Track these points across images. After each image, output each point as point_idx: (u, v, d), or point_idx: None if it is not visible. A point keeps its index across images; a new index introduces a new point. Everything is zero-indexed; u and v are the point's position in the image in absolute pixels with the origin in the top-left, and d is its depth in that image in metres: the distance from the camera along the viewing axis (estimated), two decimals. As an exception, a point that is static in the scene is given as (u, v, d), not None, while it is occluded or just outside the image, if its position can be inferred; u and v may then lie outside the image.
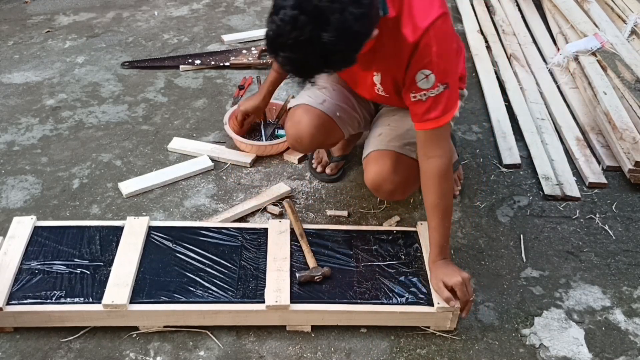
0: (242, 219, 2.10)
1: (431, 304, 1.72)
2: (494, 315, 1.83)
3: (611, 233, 2.13)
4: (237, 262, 1.82)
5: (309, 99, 1.96)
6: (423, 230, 1.95)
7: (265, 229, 1.93)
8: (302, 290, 1.75)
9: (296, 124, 1.95)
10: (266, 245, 1.87)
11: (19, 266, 1.76)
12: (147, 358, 1.66)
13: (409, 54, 1.56)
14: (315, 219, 2.13)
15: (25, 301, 1.67)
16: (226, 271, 1.79)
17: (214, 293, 1.72)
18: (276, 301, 1.69)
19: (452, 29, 1.64)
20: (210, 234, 1.91)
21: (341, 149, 2.29)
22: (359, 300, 1.73)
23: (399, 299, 1.74)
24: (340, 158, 2.30)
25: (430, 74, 1.57)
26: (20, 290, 1.70)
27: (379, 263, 1.85)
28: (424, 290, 1.77)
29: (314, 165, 2.31)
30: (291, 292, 1.73)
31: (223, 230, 1.92)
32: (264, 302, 1.70)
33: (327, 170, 2.28)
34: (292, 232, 1.93)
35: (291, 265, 1.81)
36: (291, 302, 1.70)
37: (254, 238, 1.91)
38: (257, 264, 1.82)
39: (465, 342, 1.74)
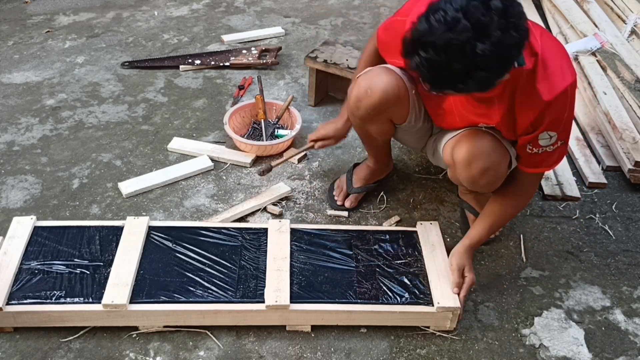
0: (242, 219, 2.10)
1: (431, 304, 1.73)
2: (494, 315, 1.83)
3: (611, 233, 2.13)
4: (237, 262, 1.82)
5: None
6: (423, 230, 1.95)
7: (265, 229, 1.92)
8: (302, 290, 1.75)
9: (371, 76, 1.81)
10: (266, 245, 1.87)
11: (19, 266, 1.76)
12: (147, 358, 1.66)
13: (539, 110, 1.57)
14: (315, 219, 2.13)
15: (25, 301, 1.67)
16: (226, 271, 1.79)
17: (214, 293, 1.73)
18: (276, 301, 1.69)
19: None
20: (210, 234, 1.91)
21: (363, 180, 2.17)
22: (358, 300, 1.74)
23: (398, 299, 1.75)
24: (361, 189, 2.16)
25: (554, 135, 1.62)
26: (20, 290, 1.70)
27: (379, 263, 1.86)
28: (424, 290, 1.77)
29: (335, 197, 2.19)
30: (291, 292, 1.73)
31: (223, 230, 1.92)
32: (263, 301, 1.70)
33: (347, 204, 2.15)
34: (292, 232, 1.92)
35: (291, 265, 1.81)
36: (291, 302, 1.70)
37: (253, 238, 1.91)
38: (257, 263, 1.82)
39: (465, 342, 1.74)
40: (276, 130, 2.49)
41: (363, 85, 1.82)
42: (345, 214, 2.14)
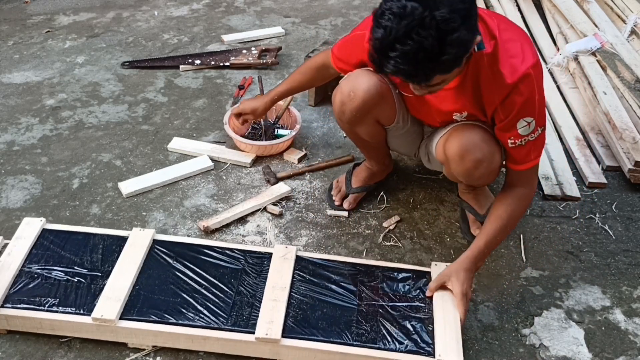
0: (242, 218, 2.10)
1: (432, 356, 1.59)
2: (494, 315, 1.83)
3: (611, 233, 2.13)
4: (234, 286, 1.75)
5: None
6: (437, 272, 1.79)
7: (270, 254, 1.84)
8: (296, 324, 1.66)
9: (352, 79, 1.82)
10: (267, 272, 1.78)
11: (20, 268, 1.74)
12: (148, 358, 1.66)
13: (505, 93, 1.59)
14: (315, 218, 2.13)
15: (19, 305, 1.65)
16: (222, 295, 1.72)
17: (205, 317, 1.66)
18: (266, 334, 1.60)
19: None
20: (214, 253, 1.84)
21: (363, 181, 2.16)
22: (354, 342, 1.62)
23: (397, 346, 1.62)
24: (360, 189, 2.15)
25: (532, 121, 1.63)
26: (17, 293, 1.68)
27: (383, 303, 1.73)
28: (427, 339, 1.64)
29: (333, 197, 2.18)
30: (285, 325, 1.64)
31: (227, 252, 1.85)
32: (254, 332, 1.61)
33: (345, 205, 2.13)
34: (297, 259, 1.83)
35: (290, 296, 1.72)
36: (283, 337, 1.61)
37: (256, 262, 1.83)
38: (254, 290, 1.74)
39: (465, 342, 1.74)
40: (276, 130, 2.49)
41: (346, 89, 1.83)
42: (345, 214, 2.14)
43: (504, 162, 1.81)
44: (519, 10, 3.47)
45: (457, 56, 1.39)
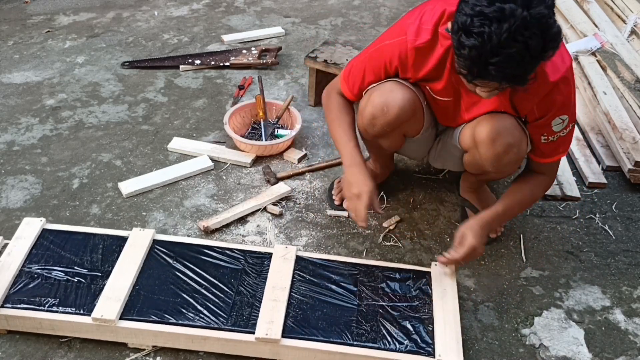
0: (242, 218, 2.10)
1: (432, 356, 1.60)
2: (494, 315, 1.83)
3: (611, 233, 2.13)
4: (234, 286, 1.75)
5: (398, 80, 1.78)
6: (437, 272, 1.82)
7: (270, 254, 1.84)
8: (296, 324, 1.66)
9: (386, 92, 1.75)
10: (267, 272, 1.79)
11: (20, 268, 1.74)
12: (148, 358, 1.66)
13: (546, 91, 1.61)
14: (315, 218, 2.13)
15: (19, 305, 1.65)
16: (222, 295, 1.72)
17: (205, 318, 1.66)
18: (266, 334, 1.61)
19: None
20: (213, 253, 1.84)
21: None
22: (354, 342, 1.63)
23: (397, 346, 1.62)
24: None
25: (566, 119, 1.65)
26: (17, 293, 1.68)
27: (383, 303, 1.74)
28: (427, 339, 1.64)
29: (333, 197, 2.17)
30: (285, 325, 1.64)
31: (227, 252, 1.85)
32: (254, 332, 1.62)
33: (345, 204, 2.11)
34: (297, 260, 1.83)
35: (290, 296, 1.72)
36: (283, 337, 1.61)
37: (256, 262, 1.83)
38: (254, 290, 1.74)
39: (465, 342, 1.74)
40: (276, 130, 2.49)
41: (378, 103, 1.76)
42: (345, 213, 2.13)
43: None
44: (519, 10, 3.47)
45: (556, 50, 1.39)
